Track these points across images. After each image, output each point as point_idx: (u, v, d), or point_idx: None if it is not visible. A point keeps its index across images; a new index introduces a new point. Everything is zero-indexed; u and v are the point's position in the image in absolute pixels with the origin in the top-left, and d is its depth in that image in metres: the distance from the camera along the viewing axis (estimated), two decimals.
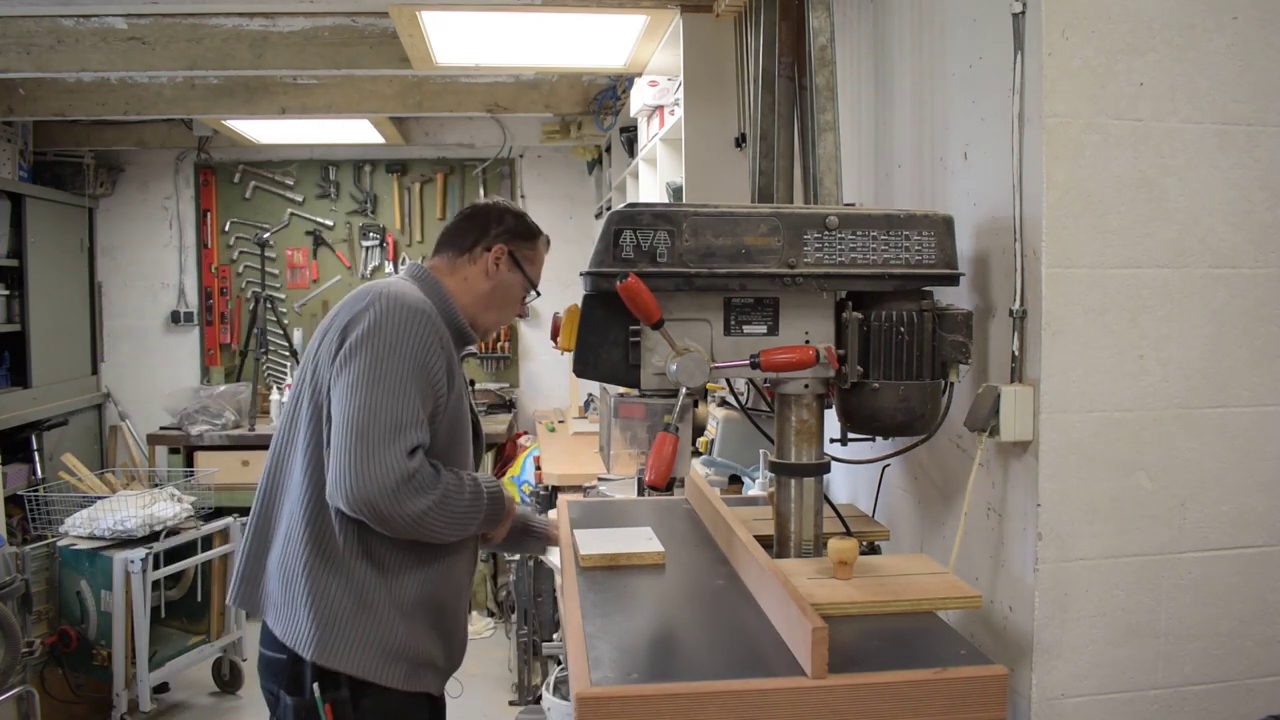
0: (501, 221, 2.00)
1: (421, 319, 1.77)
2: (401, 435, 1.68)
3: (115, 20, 3.75)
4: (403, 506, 1.67)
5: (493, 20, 3.35)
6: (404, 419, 1.69)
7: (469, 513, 1.79)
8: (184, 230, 6.42)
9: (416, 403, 1.72)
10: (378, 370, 1.71)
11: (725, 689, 1.25)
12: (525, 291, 2.02)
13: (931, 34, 1.90)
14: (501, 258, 1.96)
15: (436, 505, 1.71)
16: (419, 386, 1.73)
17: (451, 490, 1.75)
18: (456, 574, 1.91)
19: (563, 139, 5.81)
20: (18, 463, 5.18)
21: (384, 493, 1.65)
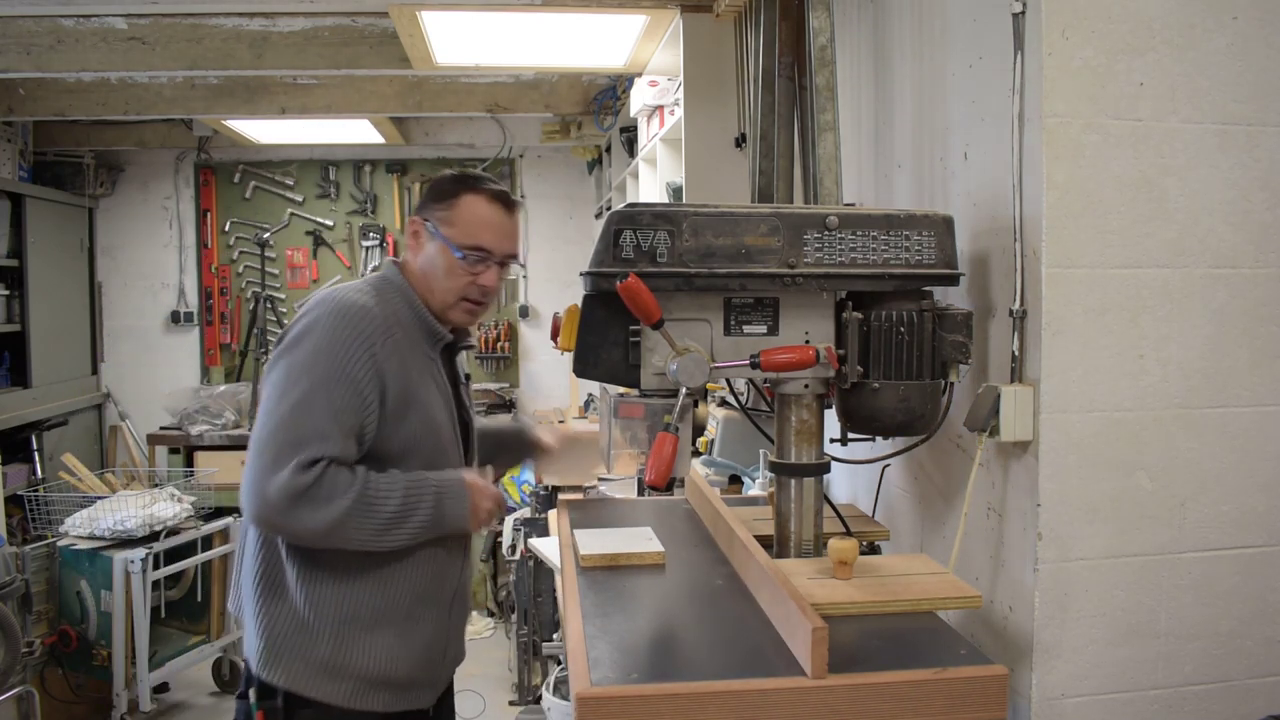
0: (427, 192, 1.85)
1: (348, 324, 1.66)
2: (299, 449, 1.59)
3: (115, 20, 3.75)
4: (301, 522, 1.60)
5: (493, 20, 3.35)
6: (304, 433, 1.60)
7: (400, 515, 1.66)
8: (184, 230, 6.42)
9: (324, 414, 1.61)
10: (287, 383, 1.63)
11: (725, 689, 1.25)
12: (453, 256, 1.76)
13: (931, 34, 1.90)
14: (419, 230, 1.80)
15: (348, 513, 1.61)
16: (335, 395, 1.62)
17: (372, 495, 1.64)
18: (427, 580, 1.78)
19: (563, 139, 5.81)
20: (18, 463, 5.18)
21: (277, 510, 1.59)
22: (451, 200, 1.78)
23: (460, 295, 1.78)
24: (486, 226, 1.78)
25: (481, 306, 1.82)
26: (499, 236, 1.79)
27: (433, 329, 1.79)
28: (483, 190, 1.79)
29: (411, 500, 1.68)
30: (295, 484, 1.58)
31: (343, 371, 1.63)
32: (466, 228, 1.77)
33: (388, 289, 1.77)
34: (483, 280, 1.78)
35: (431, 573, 1.79)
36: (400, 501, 1.66)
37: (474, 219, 1.77)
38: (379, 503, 1.64)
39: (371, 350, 1.66)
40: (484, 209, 1.78)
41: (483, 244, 1.77)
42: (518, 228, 1.85)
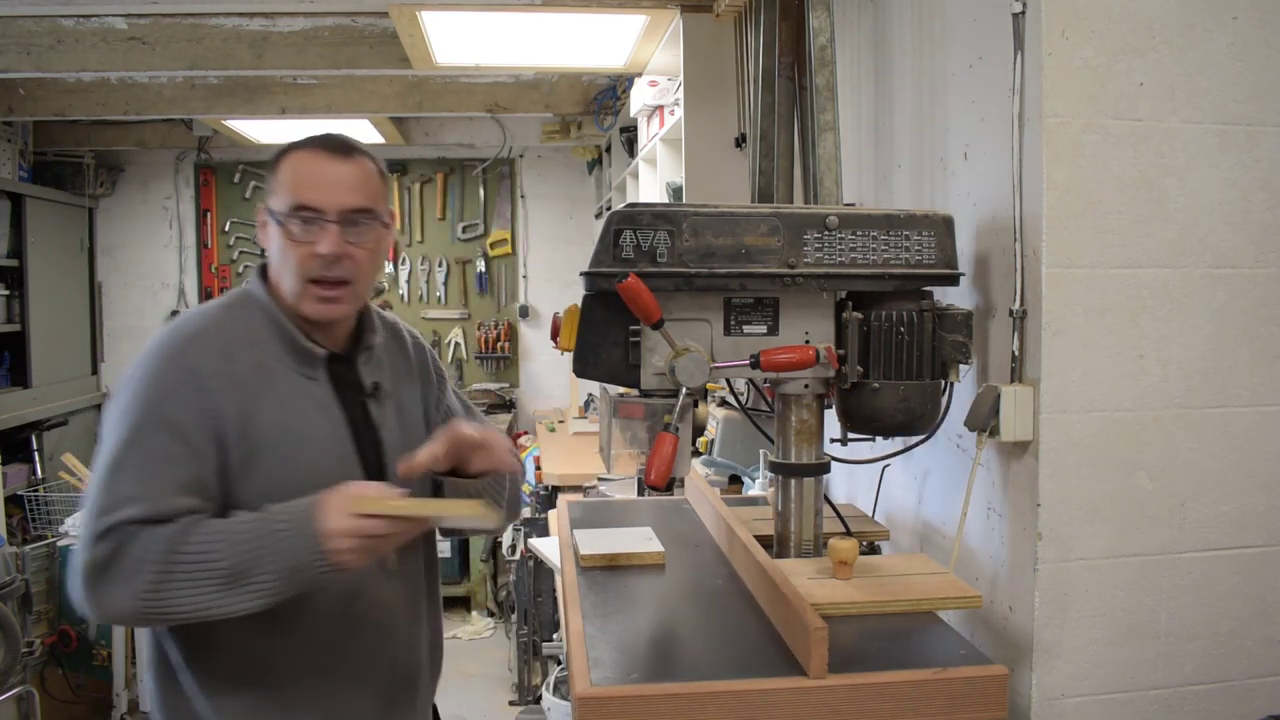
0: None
1: (170, 360, 1.39)
2: (96, 522, 1.32)
3: (115, 20, 3.75)
4: (113, 604, 1.31)
5: (493, 20, 3.35)
6: (108, 500, 1.32)
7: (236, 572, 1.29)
8: (184, 230, 6.42)
9: (135, 472, 1.34)
10: (102, 443, 1.39)
11: (725, 689, 1.25)
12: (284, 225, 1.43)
13: (931, 34, 1.90)
14: (264, 221, 1.48)
15: (161, 581, 1.28)
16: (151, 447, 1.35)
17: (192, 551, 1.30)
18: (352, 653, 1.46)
19: (563, 139, 5.81)
20: (18, 463, 5.18)
21: (85, 599, 1.32)
22: (275, 167, 1.47)
23: (303, 277, 1.43)
24: (310, 181, 1.43)
25: (337, 288, 1.45)
26: (329, 189, 1.43)
27: (298, 345, 1.46)
28: (304, 143, 1.47)
29: (247, 549, 1.30)
30: (91, 561, 1.30)
31: (161, 417, 1.35)
32: (286, 190, 1.44)
33: (243, 305, 1.48)
34: (320, 248, 1.41)
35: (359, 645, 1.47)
36: (232, 553, 1.30)
37: (294, 177, 1.44)
38: (203, 559, 1.29)
39: (200, 387, 1.37)
40: (305, 162, 1.45)
41: (306, 201, 1.42)
42: (362, 175, 1.47)
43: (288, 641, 1.42)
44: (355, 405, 1.51)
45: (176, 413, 1.36)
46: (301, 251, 1.43)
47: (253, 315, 1.47)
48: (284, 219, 1.43)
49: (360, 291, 1.49)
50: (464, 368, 6.56)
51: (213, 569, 1.29)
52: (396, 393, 1.59)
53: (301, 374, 1.46)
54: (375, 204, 1.48)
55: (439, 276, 6.50)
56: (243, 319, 1.46)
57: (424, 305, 6.52)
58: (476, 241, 6.53)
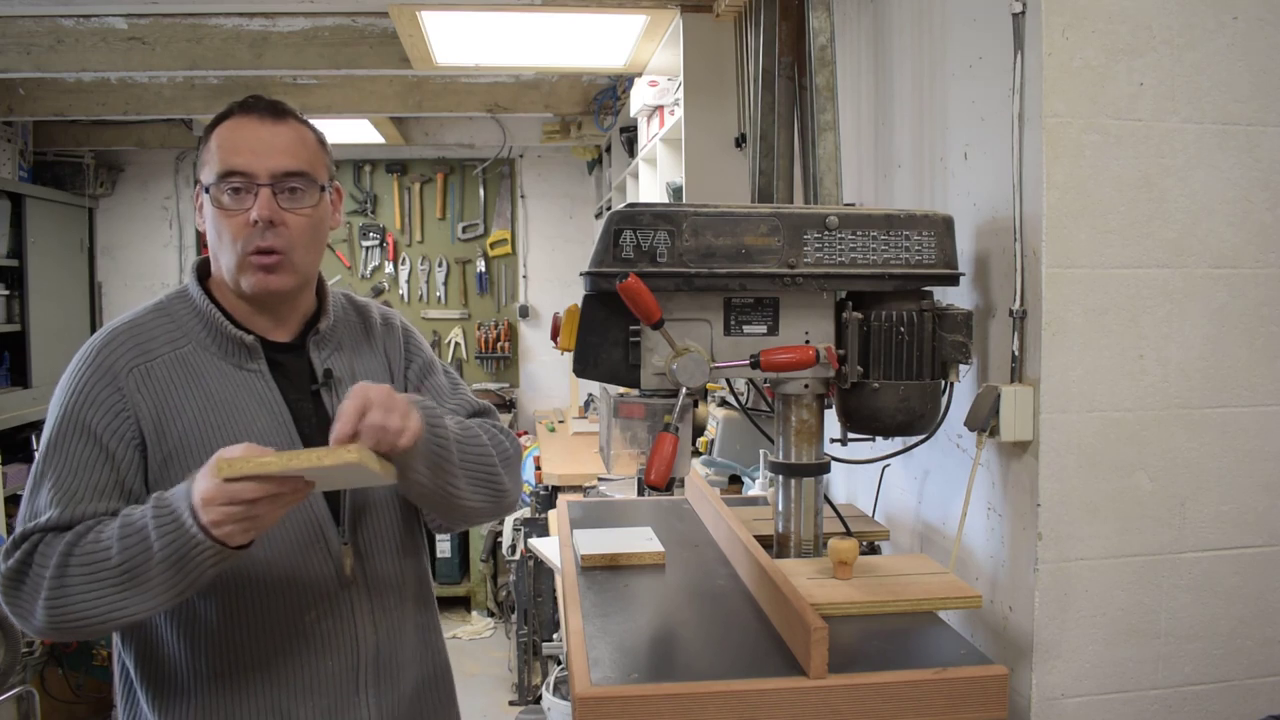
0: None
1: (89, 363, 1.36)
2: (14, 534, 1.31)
3: (115, 20, 3.75)
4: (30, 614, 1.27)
5: (493, 20, 3.35)
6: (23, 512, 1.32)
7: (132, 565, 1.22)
8: (184, 230, 6.42)
9: (50, 482, 1.31)
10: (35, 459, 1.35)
11: (725, 689, 1.25)
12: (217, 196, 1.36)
13: (931, 34, 1.90)
14: (200, 201, 1.40)
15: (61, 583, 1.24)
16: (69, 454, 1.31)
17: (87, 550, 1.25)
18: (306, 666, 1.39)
19: (563, 139, 5.81)
20: (18, 463, 5.18)
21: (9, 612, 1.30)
22: (206, 140, 1.39)
23: (241, 250, 1.35)
24: (238, 145, 1.36)
25: (275, 257, 1.36)
26: (258, 153, 1.36)
27: (228, 336, 1.39)
28: (232, 110, 1.40)
29: (134, 541, 1.22)
30: (4, 572, 1.28)
31: (77, 421, 1.32)
32: (216, 157, 1.36)
33: (176, 301, 1.43)
34: (254, 214, 1.34)
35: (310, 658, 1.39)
36: (121, 549, 1.23)
37: (223, 144, 1.37)
38: (95, 560, 1.23)
39: (116, 387, 1.33)
40: (233, 128, 1.38)
41: (234, 166, 1.35)
42: (300, 140, 1.40)
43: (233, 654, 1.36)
44: (304, 396, 1.43)
45: (91, 416, 1.32)
46: (235, 221, 1.35)
47: (181, 311, 1.41)
48: (214, 189, 1.35)
49: (300, 263, 1.40)
50: (464, 368, 6.56)
51: (106, 568, 1.22)
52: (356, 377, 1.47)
53: (235, 366, 1.40)
54: (312, 169, 1.40)
55: (439, 276, 6.50)
56: (170, 316, 1.41)
57: (424, 305, 6.52)
58: (476, 241, 6.53)
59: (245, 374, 1.40)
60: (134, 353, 1.36)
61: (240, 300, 1.42)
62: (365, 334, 1.57)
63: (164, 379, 1.36)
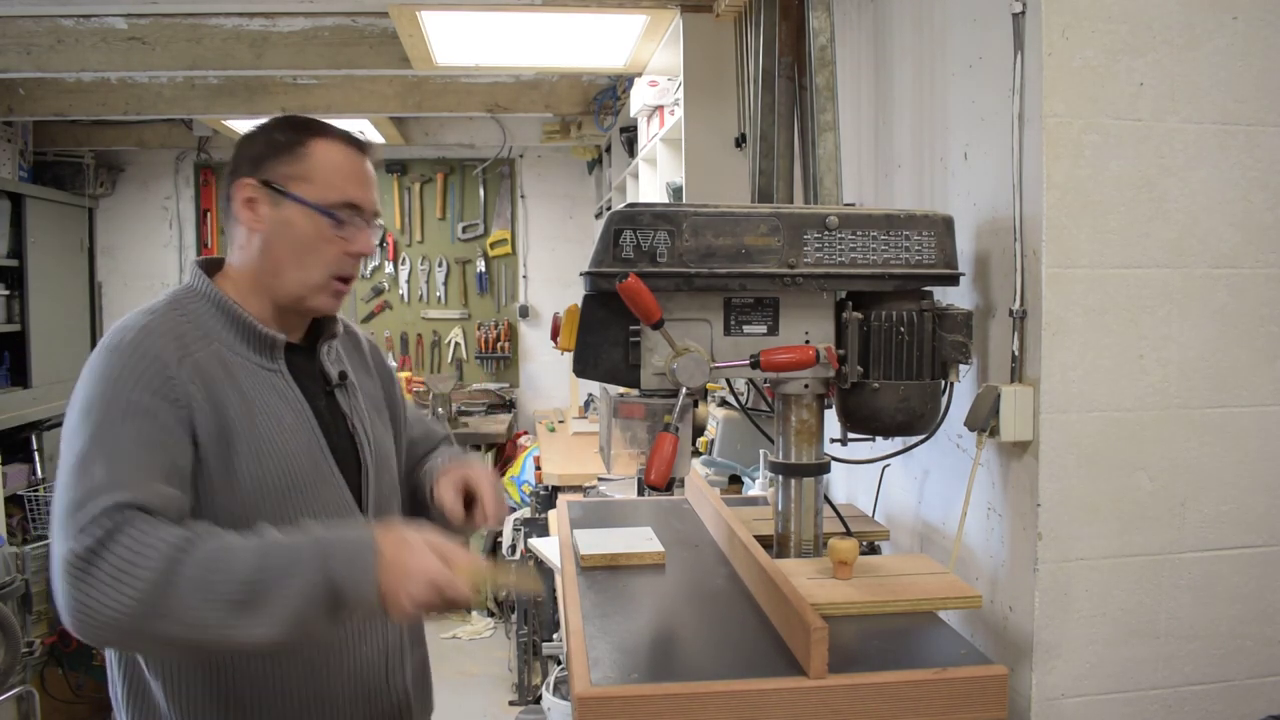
0: (249, 146, 1.42)
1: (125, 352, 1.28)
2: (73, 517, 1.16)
3: (115, 20, 3.75)
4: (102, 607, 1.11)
5: (493, 20, 3.35)
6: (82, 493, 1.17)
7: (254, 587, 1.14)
8: (184, 230, 6.42)
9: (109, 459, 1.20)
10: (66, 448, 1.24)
11: (725, 689, 1.25)
12: (319, 221, 1.38)
13: (931, 34, 1.90)
14: (255, 195, 1.38)
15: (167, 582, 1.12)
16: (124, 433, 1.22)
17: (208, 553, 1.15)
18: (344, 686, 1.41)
19: (563, 139, 5.81)
20: (18, 463, 5.18)
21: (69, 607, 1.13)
22: (299, 150, 1.39)
23: (331, 273, 1.40)
24: (352, 176, 1.40)
25: (350, 283, 1.45)
26: (368, 189, 1.43)
27: (258, 334, 1.39)
28: (334, 133, 1.42)
29: (276, 562, 1.16)
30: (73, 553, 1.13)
31: (129, 403, 1.24)
32: (330, 180, 1.38)
33: (188, 299, 1.40)
34: (358, 246, 1.41)
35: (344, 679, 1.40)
36: (254, 564, 1.15)
37: (336, 168, 1.39)
38: (219, 564, 1.15)
39: (165, 374, 1.27)
40: (342, 154, 1.41)
41: (352, 198, 1.40)
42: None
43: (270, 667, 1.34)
44: (318, 396, 1.46)
45: (145, 399, 1.24)
46: (336, 248, 1.40)
47: (201, 308, 1.39)
48: (333, 211, 1.38)
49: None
50: (464, 368, 6.56)
51: (227, 580, 1.14)
52: (362, 385, 1.55)
53: (260, 365, 1.39)
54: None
55: (439, 276, 6.50)
56: (187, 314, 1.37)
57: (424, 305, 6.52)
58: (476, 241, 6.53)
59: (268, 373, 1.40)
60: (175, 345, 1.32)
61: (263, 303, 1.42)
62: (355, 347, 1.63)
63: (207, 373, 1.33)
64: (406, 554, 1.20)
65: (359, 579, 1.18)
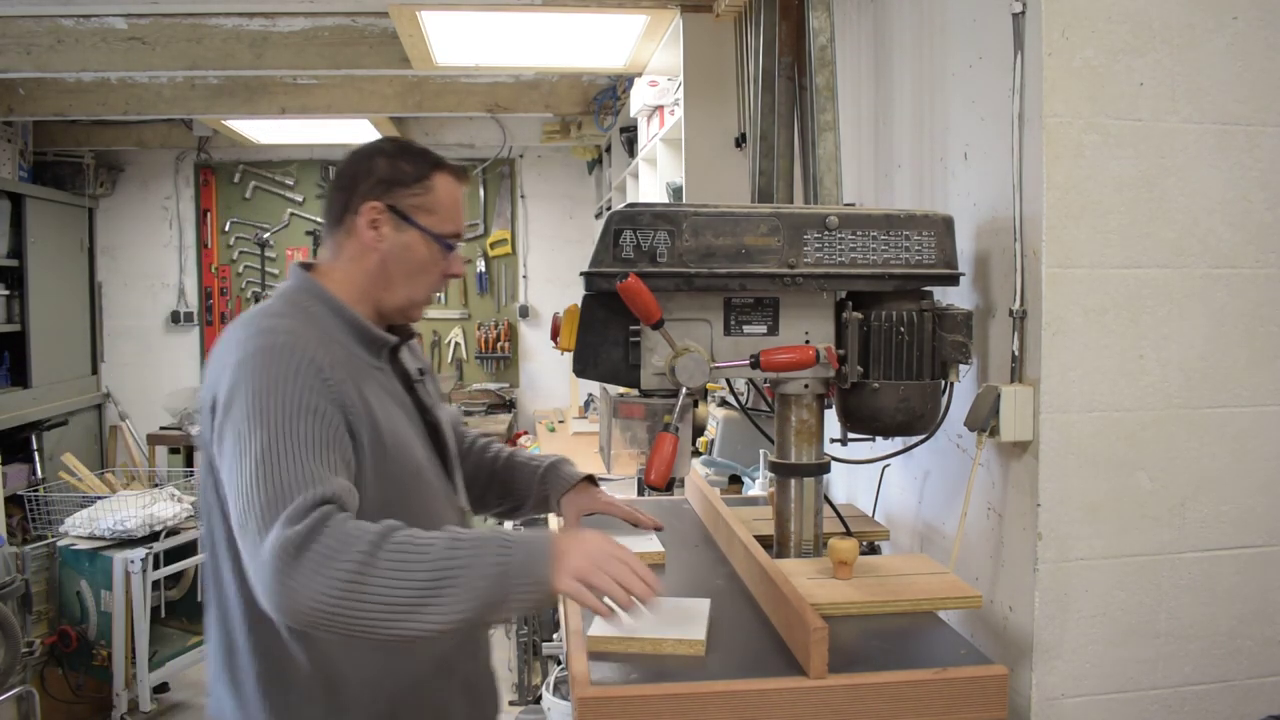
0: (371, 171, 1.52)
1: (280, 353, 1.36)
2: (281, 504, 1.26)
3: (115, 20, 3.75)
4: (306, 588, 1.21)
5: (493, 20, 3.35)
6: (280, 486, 1.27)
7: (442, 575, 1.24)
8: (184, 230, 6.42)
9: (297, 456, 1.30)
10: (241, 445, 1.31)
11: (725, 689, 1.25)
12: (434, 247, 1.52)
13: (931, 34, 1.90)
14: (380, 218, 1.50)
15: (367, 568, 1.22)
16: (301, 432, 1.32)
17: (401, 543, 1.25)
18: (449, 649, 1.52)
19: (563, 139, 5.81)
20: (18, 463, 5.18)
21: (274, 588, 1.23)
22: (426, 181, 1.52)
23: (433, 290, 1.58)
24: (457, 209, 1.58)
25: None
26: (463, 217, 1.62)
27: (373, 337, 1.51)
28: (449, 167, 1.57)
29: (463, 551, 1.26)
30: (286, 539, 1.23)
31: (301, 404, 1.33)
32: (447, 214, 1.54)
33: (307, 301, 1.50)
34: (455, 269, 1.57)
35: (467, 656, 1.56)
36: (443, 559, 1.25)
37: (452, 203, 1.55)
38: (412, 558, 1.24)
39: (322, 376, 1.37)
40: (455, 189, 1.57)
41: (459, 229, 1.58)
42: None
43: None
44: (409, 391, 1.58)
45: (313, 399, 1.34)
46: (441, 270, 1.55)
47: (320, 311, 1.49)
48: (449, 241, 1.54)
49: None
50: (464, 368, 6.56)
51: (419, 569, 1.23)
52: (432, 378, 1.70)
53: (372, 365, 1.51)
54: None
55: None
56: (310, 316, 1.47)
57: None
58: (476, 241, 6.53)
59: (378, 371, 1.52)
60: (321, 347, 1.40)
61: (368, 308, 1.54)
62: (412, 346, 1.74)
63: (350, 373, 1.43)
64: (584, 540, 1.32)
65: (538, 567, 1.28)
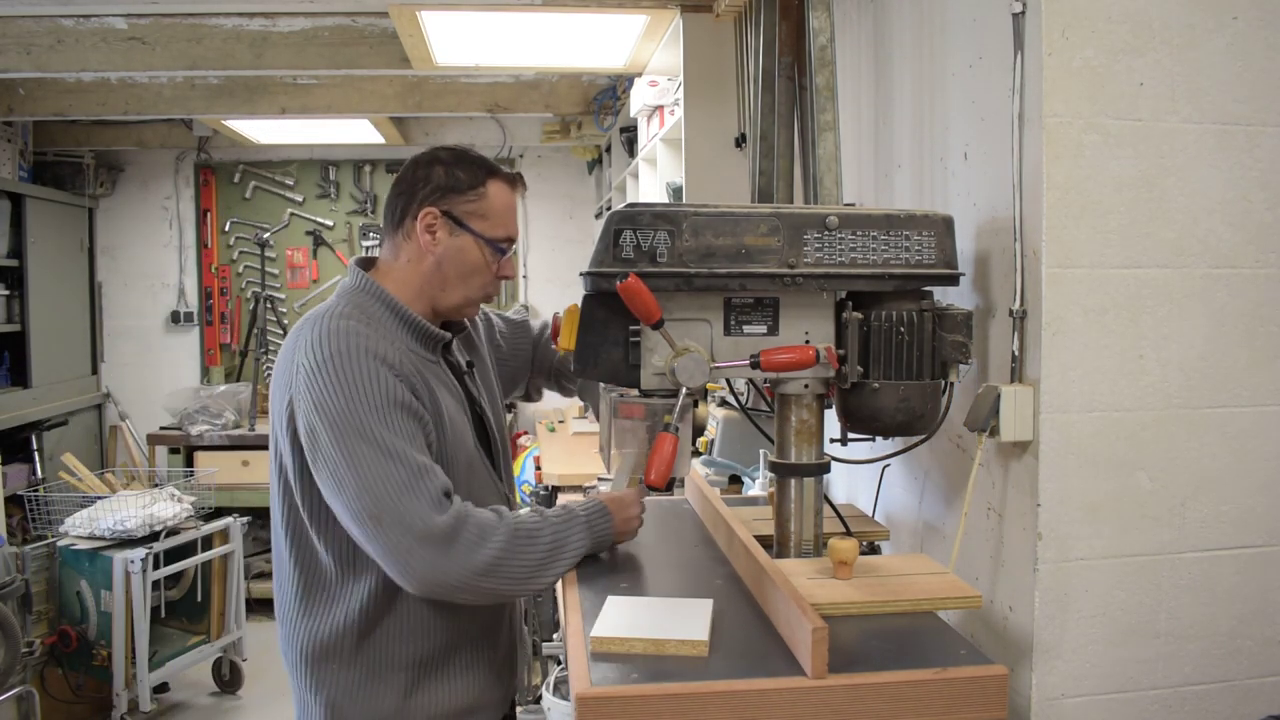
0: (429, 179, 1.64)
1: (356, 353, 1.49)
2: (415, 492, 1.44)
3: (115, 20, 3.75)
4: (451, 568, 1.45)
5: (493, 20, 3.35)
6: (406, 475, 1.45)
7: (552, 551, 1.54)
8: (184, 230, 6.42)
9: (406, 447, 1.47)
10: (343, 440, 1.45)
11: (725, 689, 1.25)
12: (487, 251, 1.65)
13: (931, 34, 1.90)
14: (436, 223, 1.62)
15: (506, 552, 1.48)
16: (401, 428, 1.48)
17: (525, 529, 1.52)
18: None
19: (563, 139, 5.81)
20: (18, 463, 5.18)
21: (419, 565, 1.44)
22: (480, 189, 1.65)
23: (487, 291, 1.69)
24: (511, 214, 1.69)
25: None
26: (517, 223, 1.73)
27: (429, 333, 1.64)
28: (503, 175, 1.70)
29: (563, 533, 1.56)
30: (435, 528, 1.43)
31: (386, 399, 1.47)
32: (500, 219, 1.66)
33: (367, 302, 1.61)
34: (505, 271, 1.69)
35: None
36: (552, 536, 1.55)
37: (505, 209, 1.68)
38: (532, 538, 1.52)
39: (395, 372, 1.50)
40: (509, 196, 1.70)
41: (511, 234, 1.69)
42: None
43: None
44: (460, 383, 1.70)
45: (396, 393, 1.48)
46: (493, 272, 1.67)
47: (379, 310, 1.60)
48: (502, 246, 1.66)
49: None
50: None
51: (538, 549, 1.52)
52: (481, 367, 1.82)
53: (427, 359, 1.63)
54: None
55: None
56: (369, 315, 1.58)
57: None
58: None
59: (433, 365, 1.64)
60: (388, 346, 1.53)
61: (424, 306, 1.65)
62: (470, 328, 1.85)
63: (414, 369, 1.56)
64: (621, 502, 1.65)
65: (605, 527, 1.62)
